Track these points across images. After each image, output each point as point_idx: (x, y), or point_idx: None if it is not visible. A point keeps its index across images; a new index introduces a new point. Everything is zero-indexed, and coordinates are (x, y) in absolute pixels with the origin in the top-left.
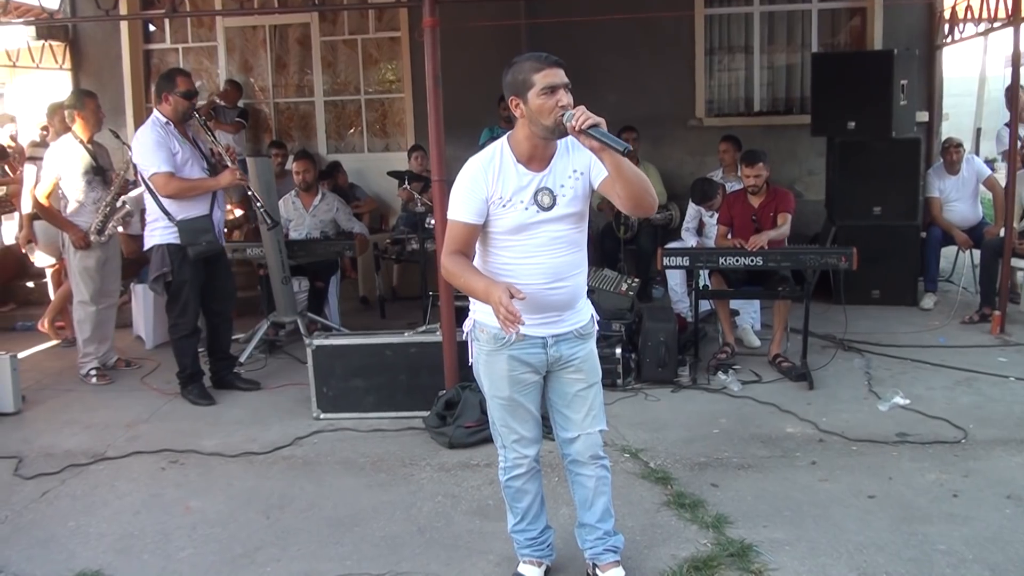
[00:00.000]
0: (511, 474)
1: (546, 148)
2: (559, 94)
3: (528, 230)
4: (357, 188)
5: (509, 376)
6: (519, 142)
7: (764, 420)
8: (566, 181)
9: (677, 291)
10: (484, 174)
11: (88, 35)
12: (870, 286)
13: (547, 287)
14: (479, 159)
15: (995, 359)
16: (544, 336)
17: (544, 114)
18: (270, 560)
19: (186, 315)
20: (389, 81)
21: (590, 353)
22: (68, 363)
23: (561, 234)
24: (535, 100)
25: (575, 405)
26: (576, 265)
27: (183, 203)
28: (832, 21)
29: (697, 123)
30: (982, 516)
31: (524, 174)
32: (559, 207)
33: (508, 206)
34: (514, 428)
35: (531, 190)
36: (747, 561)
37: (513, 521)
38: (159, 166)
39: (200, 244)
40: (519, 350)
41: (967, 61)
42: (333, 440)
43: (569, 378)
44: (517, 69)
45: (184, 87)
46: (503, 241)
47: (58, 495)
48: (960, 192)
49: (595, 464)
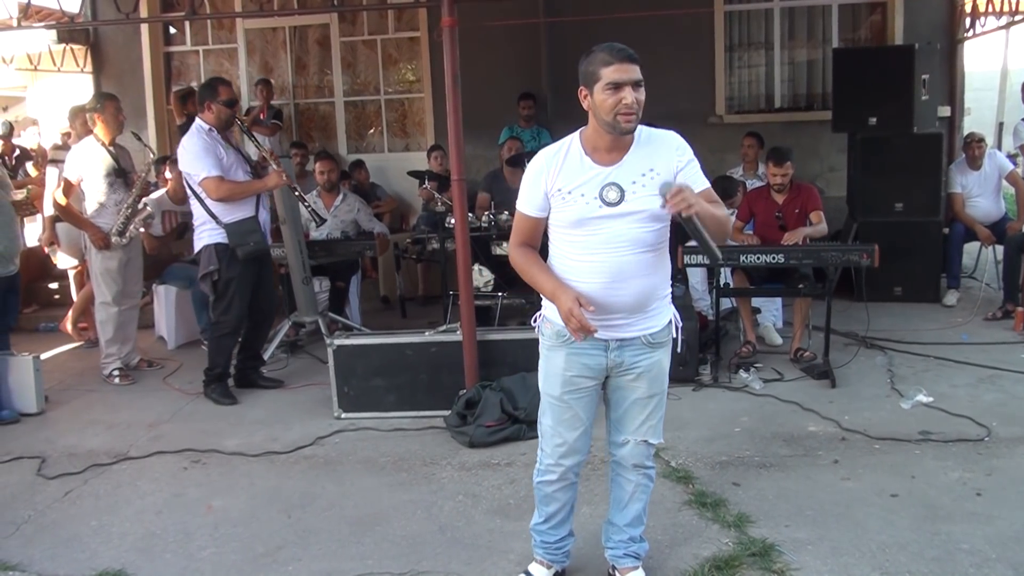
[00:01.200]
0: (542, 478)
1: (617, 140)
2: (623, 92)
3: (589, 225)
4: (378, 188)
5: (564, 375)
6: (589, 135)
7: (786, 419)
8: (639, 178)
9: (698, 289)
10: (547, 166)
11: (109, 38)
12: (892, 283)
13: (607, 288)
14: (547, 150)
15: (1018, 356)
16: (607, 339)
17: (606, 110)
18: (291, 559)
19: (229, 313)
20: (409, 81)
21: (656, 363)
22: (91, 364)
23: (627, 233)
24: (599, 94)
25: (631, 413)
26: (644, 266)
27: (229, 206)
28: (852, 16)
29: (718, 120)
30: (1006, 515)
31: (591, 167)
32: (627, 204)
33: (569, 199)
34: (560, 432)
35: (596, 183)
36: (769, 561)
37: (537, 519)
38: (209, 170)
39: (248, 244)
40: (579, 350)
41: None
42: (354, 439)
43: (629, 385)
44: (590, 60)
45: (226, 96)
46: (564, 235)
47: (81, 495)
48: (982, 187)
49: (638, 471)
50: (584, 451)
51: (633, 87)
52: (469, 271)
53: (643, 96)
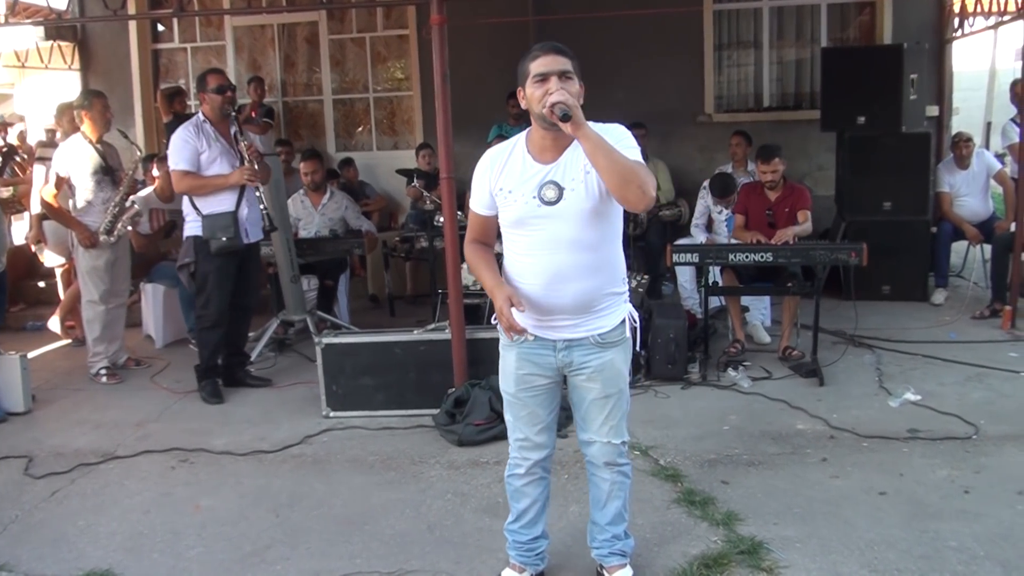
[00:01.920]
0: (512, 471)
1: (556, 140)
2: (550, 82)
3: (529, 225)
4: (367, 186)
5: (516, 374)
6: (532, 134)
7: (774, 417)
8: (577, 175)
9: (687, 287)
10: (491, 165)
11: (96, 35)
12: (880, 281)
13: (546, 288)
14: (491, 150)
15: (1006, 354)
16: (554, 339)
17: (534, 103)
18: (280, 558)
19: (208, 307)
20: (397, 79)
21: (608, 363)
22: (78, 363)
23: (566, 232)
24: (529, 88)
25: (591, 413)
26: (584, 268)
27: (209, 199)
28: (841, 15)
29: (706, 119)
30: (994, 512)
31: (531, 165)
32: (566, 202)
33: (509, 198)
34: (519, 428)
35: (535, 183)
36: (758, 558)
37: (510, 518)
38: (177, 163)
39: (219, 239)
40: (528, 349)
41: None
42: (343, 438)
43: (584, 385)
44: (523, 60)
45: (214, 83)
46: (509, 234)
47: (68, 494)
48: (970, 187)
49: (612, 470)
50: (549, 446)
51: (560, 77)
52: (458, 269)
53: (575, 88)
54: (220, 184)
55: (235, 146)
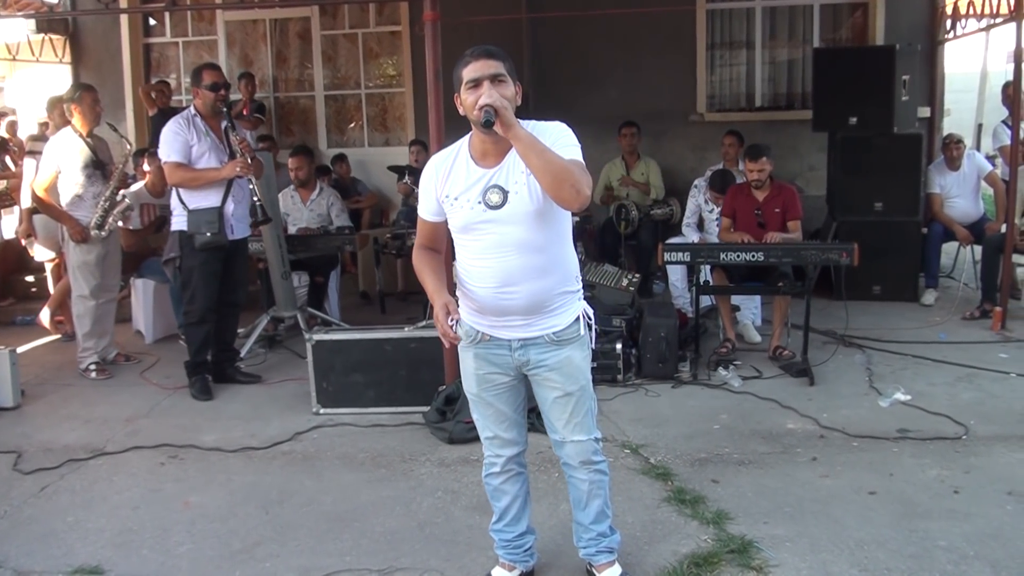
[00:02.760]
0: (487, 471)
1: (497, 144)
2: (482, 87)
3: (475, 230)
4: (359, 182)
5: (476, 374)
6: (473, 139)
7: (765, 416)
8: (520, 178)
9: (678, 286)
10: (436, 172)
11: (88, 29)
12: (871, 282)
13: (497, 291)
14: (436, 157)
15: (996, 355)
16: (508, 339)
17: (469, 109)
18: (269, 555)
19: (194, 303)
20: (390, 75)
21: (566, 360)
22: (67, 358)
23: (512, 236)
24: (463, 95)
25: (555, 412)
26: (534, 270)
27: (196, 194)
28: (834, 16)
29: (698, 118)
30: (983, 512)
31: (474, 170)
32: (510, 206)
33: (456, 204)
34: (487, 426)
35: (479, 188)
36: (748, 557)
37: (493, 519)
38: (169, 155)
39: (204, 234)
40: (484, 349)
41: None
42: (333, 435)
43: (543, 383)
44: (456, 66)
45: (209, 80)
46: (458, 240)
47: (57, 490)
48: (961, 188)
49: (587, 469)
50: (520, 442)
51: (491, 81)
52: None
53: (509, 91)
54: (213, 177)
55: (225, 142)
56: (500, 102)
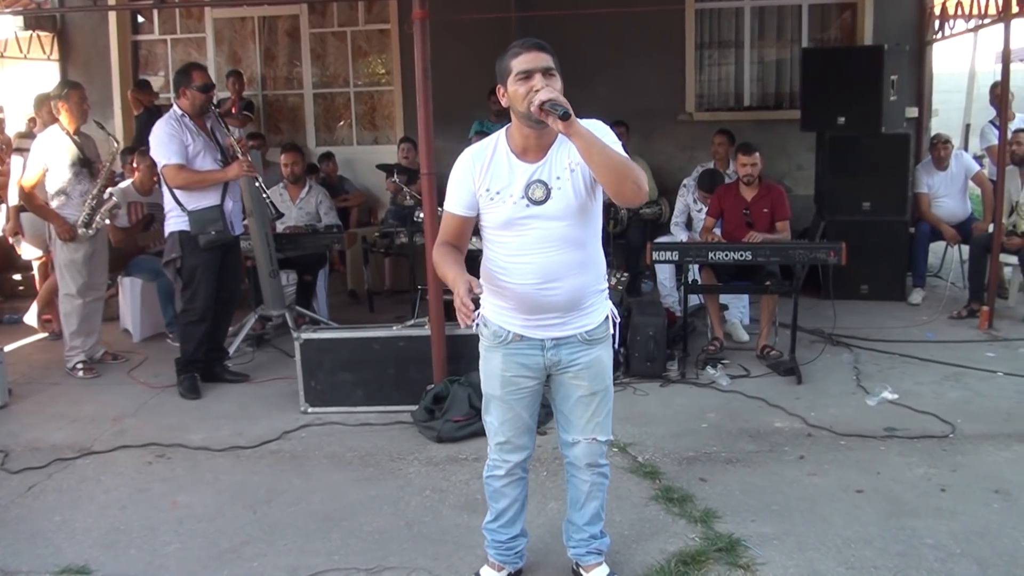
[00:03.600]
0: (491, 472)
1: (540, 138)
2: (534, 79)
3: (518, 226)
4: (347, 181)
5: (502, 376)
6: (513, 133)
7: (752, 415)
8: (563, 173)
9: (666, 285)
10: (472, 165)
11: (76, 26)
12: (859, 281)
13: (539, 288)
14: (471, 150)
15: (983, 354)
16: (542, 339)
17: (519, 100)
18: (257, 555)
19: (195, 301)
20: (378, 74)
21: (596, 360)
22: (55, 356)
23: (555, 231)
24: (511, 86)
25: (576, 411)
26: (575, 265)
27: (194, 194)
28: (822, 16)
29: (687, 117)
30: (970, 510)
31: (517, 166)
32: (554, 201)
33: (496, 199)
34: (501, 430)
35: (522, 183)
36: (735, 555)
37: (488, 518)
38: (169, 158)
39: (210, 233)
40: (515, 350)
41: (957, 57)
42: (321, 434)
43: (571, 383)
44: (503, 57)
45: (200, 81)
46: (495, 236)
47: (44, 489)
48: (948, 188)
49: (592, 471)
50: (529, 447)
51: (543, 74)
52: None
53: (558, 84)
54: (219, 178)
55: (214, 140)
56: (561, 97)
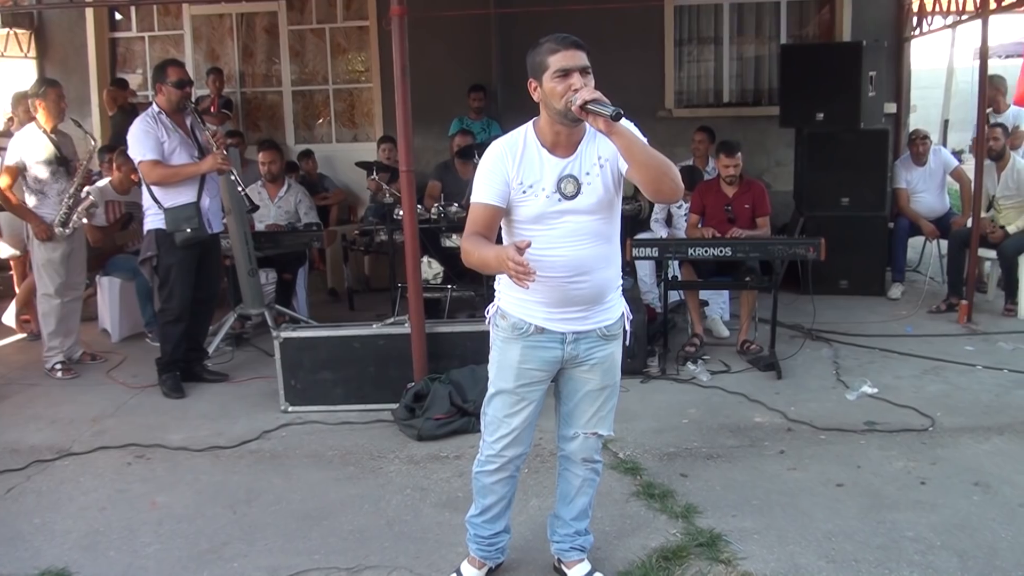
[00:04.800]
0: (483, 467)
1: (571, 134)
2: (572, 78)
3: (549, 219)
4: (326, 179)
5: (519, 368)
6: (543, 127)
7: (733, 410)
8: (592, 169)
9: (646, 282)
10: (506, 156)
11: (54, 23)
12: (838, 276)
13: (569, 281)
14: (503, 141)
15: (962, 348)
16: (564, 332)
17: (556, 98)
18: (237, 555)
19: (172, 300)
20: (357, 71)
21: (609, 355)
22: (33, 357)
23: (585, 225)
24: (548, 83)
25: (582, 406)
26: (602, 259)
27: (170, 191)
28: (801, 12)
29: (666, 114)
30: (950, 503)
31: (548, 160)
32: (584, 196)
33: (529, 193)
34: (507, 423)
35: (554, 177)
36: (716, 550)
37: (473, 511)
38: (144, 154)
39: (185, 231)
40: (535, 343)
41: (935, 53)
42: (301, 433)
43: (583, 377)
44: (537, 51)
45: (175, 77)
46: (525, 231)
47: (23, 491)
48: (927, 183)
49: (586, 466)
50: (527, 444)
51: (581, 73)
52: (418, 263)
53: (592, 83)
54: (192, 172)
55: (192, 136)
56: (603, 96)
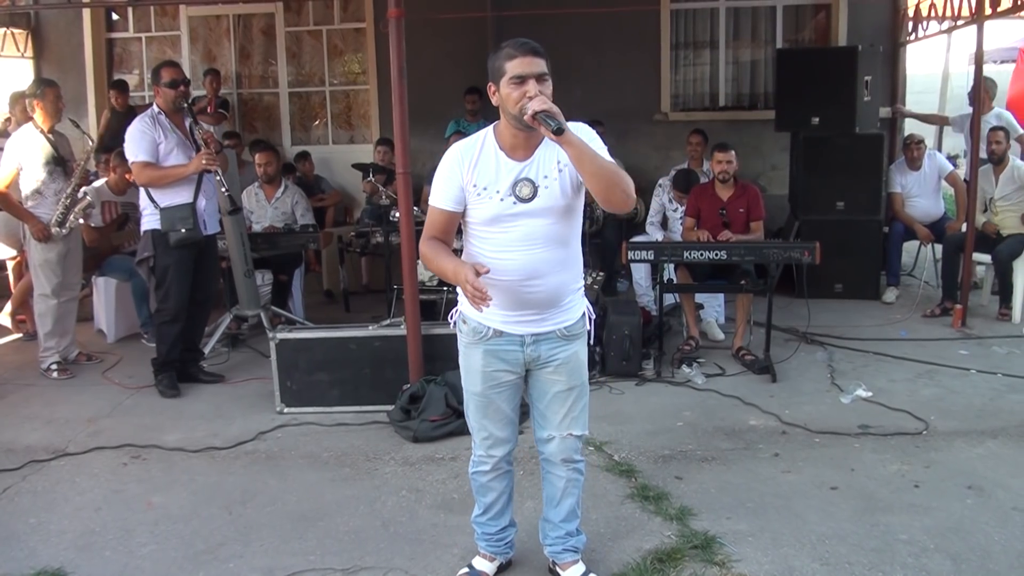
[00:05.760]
0: (477, 468)
1: (528, 138)
2: (528, 85)
3: (503, 222)
4: (323, 180)
5: (483, 372)
6: (501, 131)
7: (728, 413)
8: (551, 172)
9: (642, 284)
10: (461, 160)
11: (50, 23)
12: (833, 280)
13: (522, 284)
14: (459, 145)
15: (956, 352)
16: (522, 334)
17: (511, 103)
18: (233, 556)
19: (168, 301)
20: (354, 72)
21: (573, 355)
22: (29, 357)
23: (540, 229)
24: (504, 88)
25: (553, 407)
26: (557, 263)
27: (166, 191)
28: (797, 17)
29: (663, 117)
30: (943, 506)
31: (505, 163)
32: (540, 200)
33: (483, 195)
34: (484, 426)
35: (510, 180)
36: (711, 553)
37: (476, 512)
38: (136, 155)
39: (179, 231)
40: (495, 346)
41: (930, 58)
42: (297, 434)
43: (549, 378)
44: (496, 55)
45: (167, 77)
46: (479, 232)
47: (19, 492)
48: (922, 187)
49: (568, 467)
50: (512, 440)
51: (537, 79)
52: (414, 265)
53: (549, 90)
54: (180, 173)
55: (190, 138)
56: (554, 108)
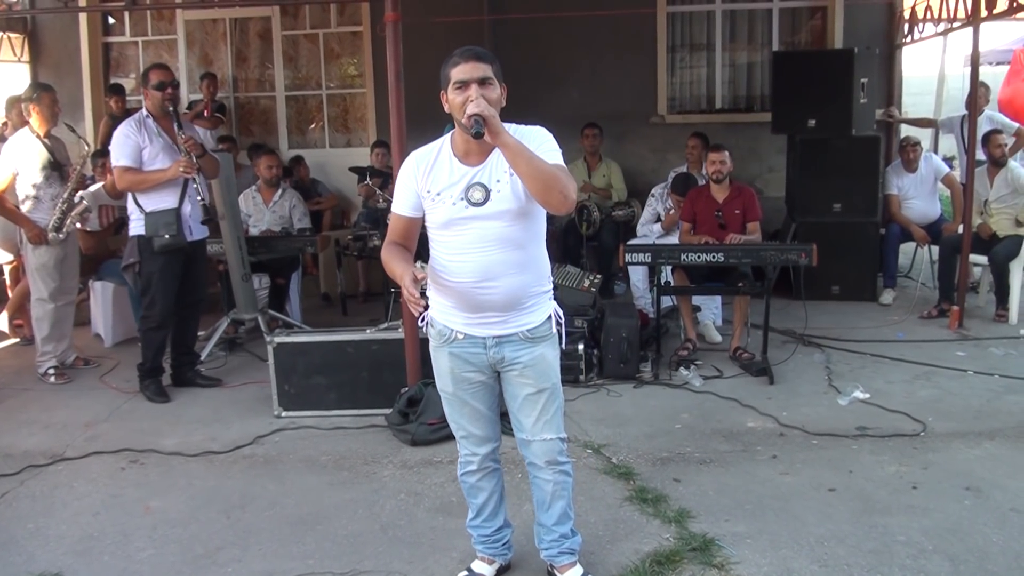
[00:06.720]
0: (463, 469)
1: (481, 144)
2: (470, 90)
3: (457, 226)
4: (319, 184)
5: (451, 373)
6: (456, 137)
7: (725, 415)
8: (503, 176)
9: (639, 287)
10: (416, 168)
11: (47, 27)
12: (830, 282)
13: (476, 286)
14: (416, 153)
15: (953, 353)
16: (484, 336)
17: (456, 109)
18: (231, 560)
19: (154, 308)
20: (351, 76)
21: (539, 357)
22: (26, 362)
23: (494, 231)
24: (450, 95)
25: (525, 409)
26: (513, 265)
27: (152, 196)
28: (793, 20)
29: (659, 120)
30: (941, 507)
31: (458, 168)
32: (493, 203)
33: (437, 200)
34: (462, 425)
35: (462, 185)
36: (709, 555)
37: (470, 516)
38: (118, 159)
39: (162, 236)
40: (459, 348)
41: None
42: (295, 438)
43: (517, 380)
44: (445, 63)
45: (155, 79)
46: (436, 236)
47: (17, 496)
48: (918, 189)
49: (552, 469)
50: (495, 438)
51: (479, 84)
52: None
53: (495, 94)
54: (160, 178)
55: (178, 142)
56: (488, 111)
